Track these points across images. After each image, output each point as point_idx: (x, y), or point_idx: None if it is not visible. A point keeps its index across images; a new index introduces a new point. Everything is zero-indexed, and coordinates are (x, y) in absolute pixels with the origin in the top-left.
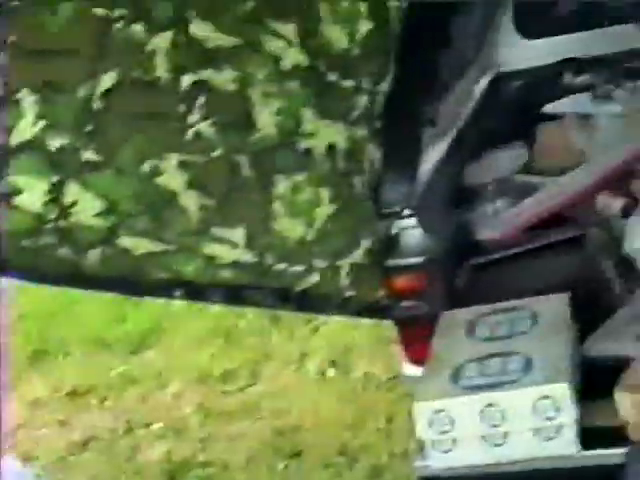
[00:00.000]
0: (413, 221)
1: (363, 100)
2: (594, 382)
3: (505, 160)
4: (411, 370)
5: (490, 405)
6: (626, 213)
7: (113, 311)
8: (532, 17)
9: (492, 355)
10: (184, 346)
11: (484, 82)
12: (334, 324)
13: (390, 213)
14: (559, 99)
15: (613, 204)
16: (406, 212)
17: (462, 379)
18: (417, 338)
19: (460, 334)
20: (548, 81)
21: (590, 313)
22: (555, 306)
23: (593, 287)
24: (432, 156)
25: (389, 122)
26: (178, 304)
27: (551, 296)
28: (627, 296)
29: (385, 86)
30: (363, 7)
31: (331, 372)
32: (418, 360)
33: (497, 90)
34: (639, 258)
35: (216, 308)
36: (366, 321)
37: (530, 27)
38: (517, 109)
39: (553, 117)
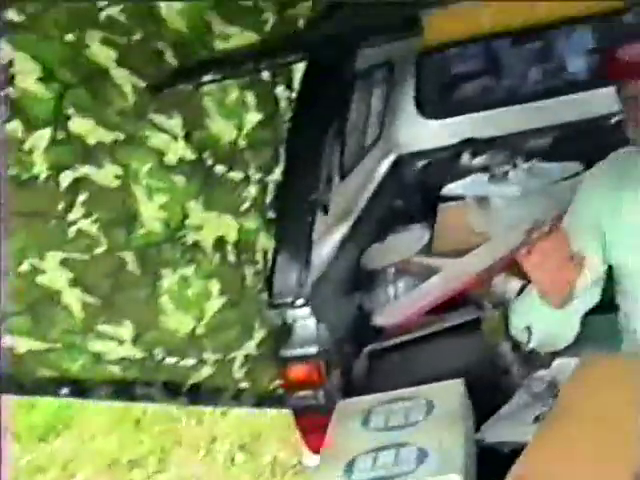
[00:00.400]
0: (306, 311)
1: (252, 191)
2: (491, 469)
3: (406, 242)
4: (310, 460)
5: None
6: None
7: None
8: (433, 98)
9: (386, 446)
10: (93, 433)
11: (386, 164)
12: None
13: (283, 303)
14: (458, 180)
15: (510, 286)
16: (299, 302)
17: (355, 472)
18: (315, 428)
19: (355, 424)
20: (448, 162)
21: (488, 398)
22: (450, 394)
23: (491, 371)
24: (328, 243)
25: (281, 211)
26: None
27: (446, 383)
28: (525, 379)
29: (276, 175)
30: (251, 98)
31: (240, 457)
32: (317, 450)
33: (399, 171)
34: (524, 339)
35: None
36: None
37: (431, 108)
38: (419, 190)
39: (456, 198)
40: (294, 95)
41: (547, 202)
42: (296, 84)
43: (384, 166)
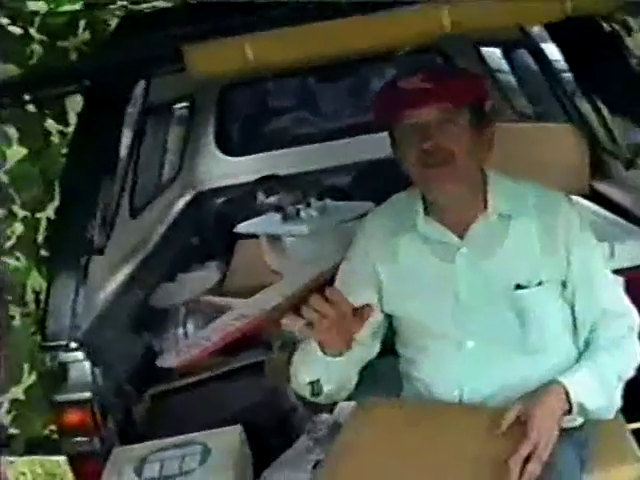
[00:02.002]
0: (80, 354)
1: (18, 228)
2: None
3: (196, 281)
4: None
5: None
6: None
7: None
8: (234, 134)
9: None
10: None
11: (183, 200)
12: None
13: (56, 346)
14: (254, 218)
15: (299, 326)
16: (72, 344)
17: None
18: (92, 475)
19: (128, 474)
20: (246, 199)
21: (272, 441)
22: (227, 440)
23: (275, 413)
24: (111, 282)
25: (53, 251)
26: None
27: (224, 429)
28: (310, 421)
29: (49, 212)
30: (14, 133)
31: None
32: None
33: (197, 208)
34: (308, 393)
35: None
36: None
37: (232, 144)
38: (216, 227)
39: (254, 236)
40: (70, 129)
41: (339, 240)
42: (71, 118)
43: (182, 202)
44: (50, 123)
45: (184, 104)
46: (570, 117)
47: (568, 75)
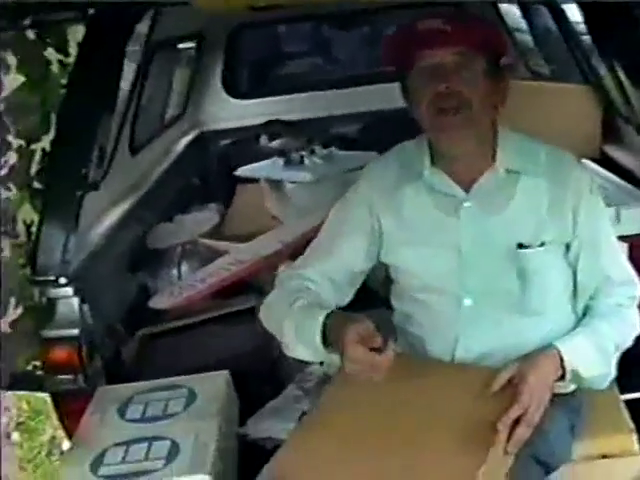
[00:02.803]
0: (70, 290)
1: (11, 158)
2: (256, 464)
3: (194, 223)
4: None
5: None
6: None
7: None
8: (241, 77)
9: (139, 439)
10: None
11: (186, 140)
12: None
13: (45, 280)
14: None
15: None
16: (62, 280)
17: (103, 466)
18: (75, 413)
19: (112, 413)
20: (250, 143)
21: (260, 388)
22: (213, 385)
23: (265, 362)
24: (107, 219)
25: (48, 183)
26: None
27: (211, 374)
28: (300, 372)
29: (44, 144)
30: (12, 60)
31: (16, 436)
32: None
33: (200, 149)
34: None
35: None
36: None
37: (239, 87)
38: (218, 170)
39: (256, 180)
40: (70, 60)
41: (342, 190)
42: (72, 48)
43: (184, 142)
44: (50, 52)
45: (191, 44)
46: (586, 79)
47: (587, 37)
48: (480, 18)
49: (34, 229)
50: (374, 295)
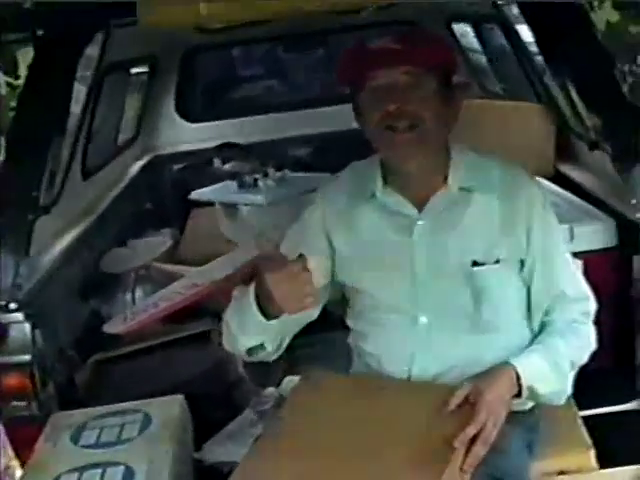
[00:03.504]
0: (20, 315)
1: None
2: None
3: (148, 247)
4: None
5: None
6: None
7: None
8: (195, 101)
9: (93, 465)
10: None
11: (139, 164)
12: None
13: None
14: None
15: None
16: (12, 305)
17: None
18: (28, 441)
19: (65, 440)
20: (203, 166)
21: (216, 413)
22: (168, 409)
23: (221, 386)
24: (58, 244)
25: None
26: None
27: (166, 398)
28: (256, 395)
29: None
30: None
31: None
32: None
33: (153, 173)
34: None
35: None
36: None
37: (192, 110)
38: (171, 193)
39: (210, 204)
40: (20, 82)
41: (296, 212)
42: (21, 71)
43: (137, 166)
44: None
45: (144, 69)
46: (539, 97)
47: (539, 57)
48: (431, 37)
49: None
50: (331, 317)
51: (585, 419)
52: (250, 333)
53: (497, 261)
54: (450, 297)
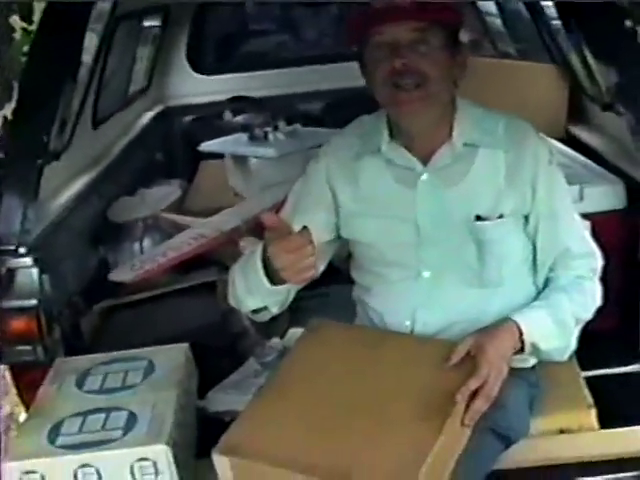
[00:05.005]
0: (29, 260)
1: None
2: (214, 438)
3: (156, 197)
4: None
5: (85, 466)
6: None
7: None
8: (207, 53)
9: (96, 410)
10: None
11: (150, 115)
12: None
13: (4, 250)
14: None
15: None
16: (21, 250)
17: (60, 436)
18: (33, 386)
19: (69, 384)
20: (215, 119)
21: (220, 363)
22: (172, 357)
23: (226, 336)
24: (68, 191)
25: (8, 152)
26: None
27: (170, 346)
28: (260, 346)
29: (7, 112)
30: None
31: None
32: None
33: (164, 124)
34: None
35: None
36: None
37: (204, 63)
38: (181, 145)
39: (219, 156)
40: (34, 28)
41: (303, 166)
42: (36, 17)
43: (148, 117)
44: (14, 19)
45: (156, 22)
46: (553, 58)
47: (556, 19)
48: None
49: None
50: (336, 271)
51: (587, 380)
52: (255, 296)
53: (501, 216)
54: (453, 252)
